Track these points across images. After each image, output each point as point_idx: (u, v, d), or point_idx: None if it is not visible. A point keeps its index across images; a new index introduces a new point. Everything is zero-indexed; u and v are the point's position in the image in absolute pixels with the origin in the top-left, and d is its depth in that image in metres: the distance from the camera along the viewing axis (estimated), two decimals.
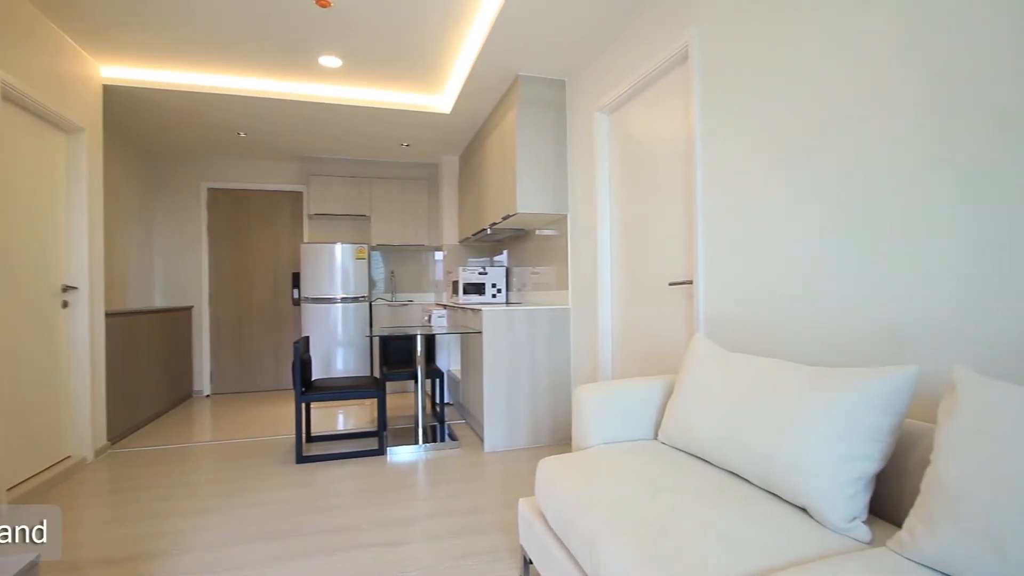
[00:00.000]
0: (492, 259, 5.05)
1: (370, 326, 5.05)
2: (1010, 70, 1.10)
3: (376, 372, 4.96)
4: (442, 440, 3.35)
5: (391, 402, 4.57)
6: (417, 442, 3.26)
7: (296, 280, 5.25)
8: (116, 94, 3.49)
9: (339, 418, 4.16)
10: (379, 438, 3.26)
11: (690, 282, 2.22)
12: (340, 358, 4.89)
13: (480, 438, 3.38)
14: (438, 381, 4.01)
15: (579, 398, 1.79)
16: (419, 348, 3.42)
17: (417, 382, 3.46)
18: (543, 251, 3.80)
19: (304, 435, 3.21)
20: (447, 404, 4.54)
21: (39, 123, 2.81)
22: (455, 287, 4.38)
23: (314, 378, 3.94)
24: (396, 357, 4.25)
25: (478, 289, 4.27)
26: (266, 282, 5.41)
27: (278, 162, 5.40)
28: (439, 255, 5.53)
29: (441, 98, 3.96)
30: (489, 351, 3.20)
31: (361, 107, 3.88)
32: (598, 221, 2.99)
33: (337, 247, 4.92)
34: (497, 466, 2.93)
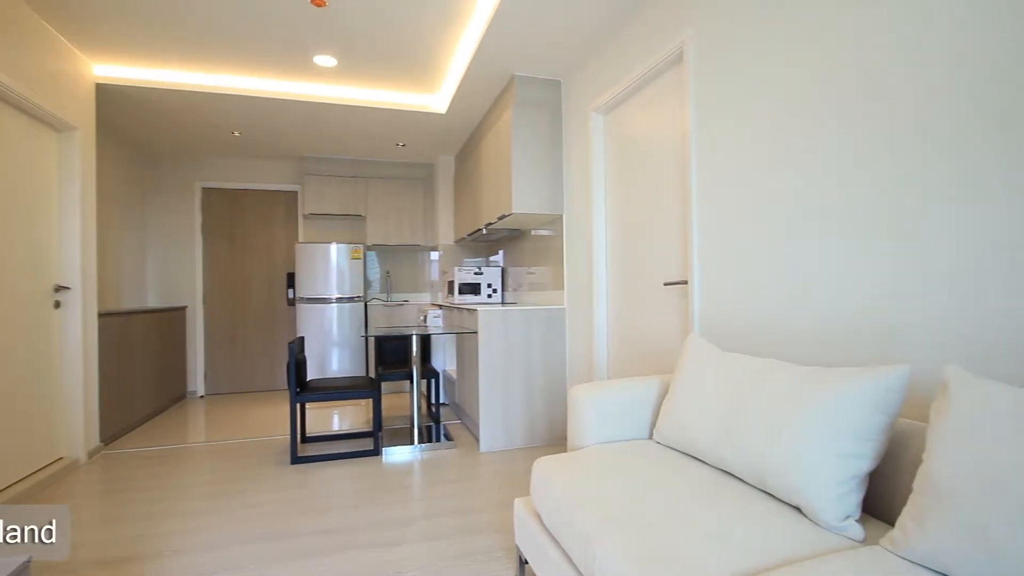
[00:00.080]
0: (488, 259, 5.05)
1: (365, 326, 5.04)
2: (1010, 70, 1.09)
3: (371, 372, 4.95)
4: (438, 440, 3.34)
5: (387, 402, 4.56)
6: (413, 442, 3.25)
7: (291, 280, 5.24)
8: (109, 93, 3.47)
9: (334, 419, 4.15)
10: (375, 438, 3.25)
11: (685, 282, 2.23)
12: (335, 358, 4.88)
13: (476, 438, 3.38)
14: (434, 381, 4.01)
15: (574, 398, 1.80)
16: (415, 348, 3.42)
17: (413, 382, 3.46)
18: (539, 251, 3.80)
19: (299, 436, 3.20)
20: (443, 404, 4.54)
21: (31, 122, 2.79)
22: (451, 287, 4.38)
23: (309, 378, 3.93)
24: (392, 357, 4.24)
25: (474, 289, 4.27)
26: (261, 282, 5.38)
27: (273, 161, 5.38)
28: (435, 255, 5.52)
29: (437, 98, 3.96)
30: (485, 351, 3.20)
31: (356, 107, 3.87)
32: (593, 221, 3.00)
33: (332, 247, 4.90)
34: (493, 466, 2.93)
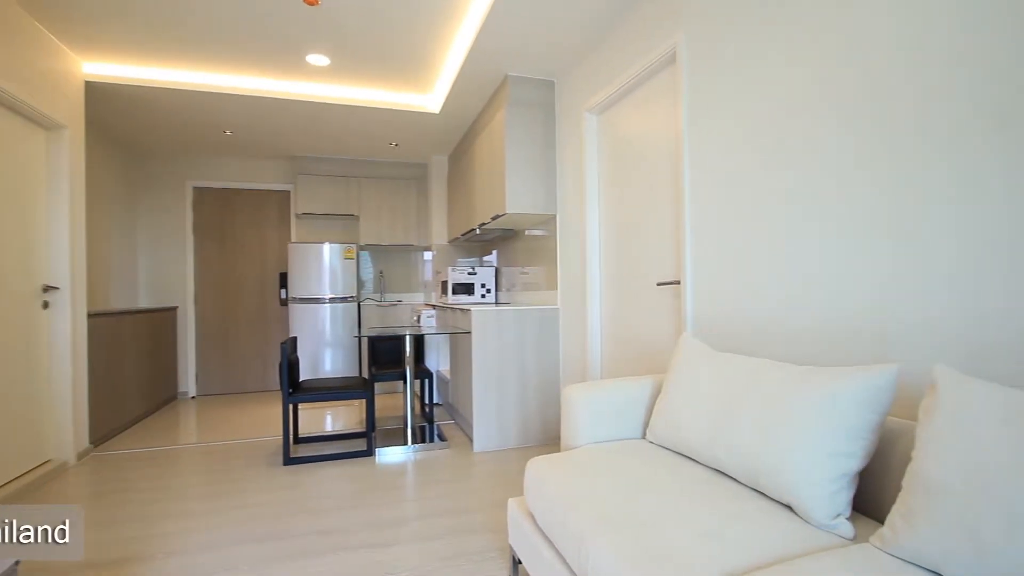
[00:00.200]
0: (481, 259, 5.05)
1: (359, 326, 5.02)
2: (1010, 70, 1.09)
3: (365, 373, 4.93)
4: (431, 441, 3.34)
5: (380, 403, 4.54)
6: (406, 443, 3.25)
7: (284, 280, 5.20)
8: (99, 91, 3.44)
9: (327, 419, 4.13)
10: (368, 439, 3.24)
11: (678, 282, 2.24)
12: (328, 359, 4.86)
13: (469, 438, 3.37)
14: (427, 381, 4.00)
15: (568, 398, 1.80)
16: (408, 348, 3.41)
17: (406, 382, 3.45)
18: (532, 251, 3.80)
19: (291, 436, 3.18)
20: (436, 404, 4.53)
21: (18, 120, 2.76)
22: (444, 287, 4.37)
23: (302, 379, 3.91)
24: (385, 357, 4.23)
25: (467, 289, 4.26)
26: (253, 282, 5.35)
27: (265, 161, 5.35)
28: (428, 255, 5.51)
29: (430, 98, 3.95)
30: (478, 351, 3.20)
31: (349, 106, 3.85)
32: (587, 221, 3.01)
33: (325, 247, 4.88)
34: (486, 466, 2.93)
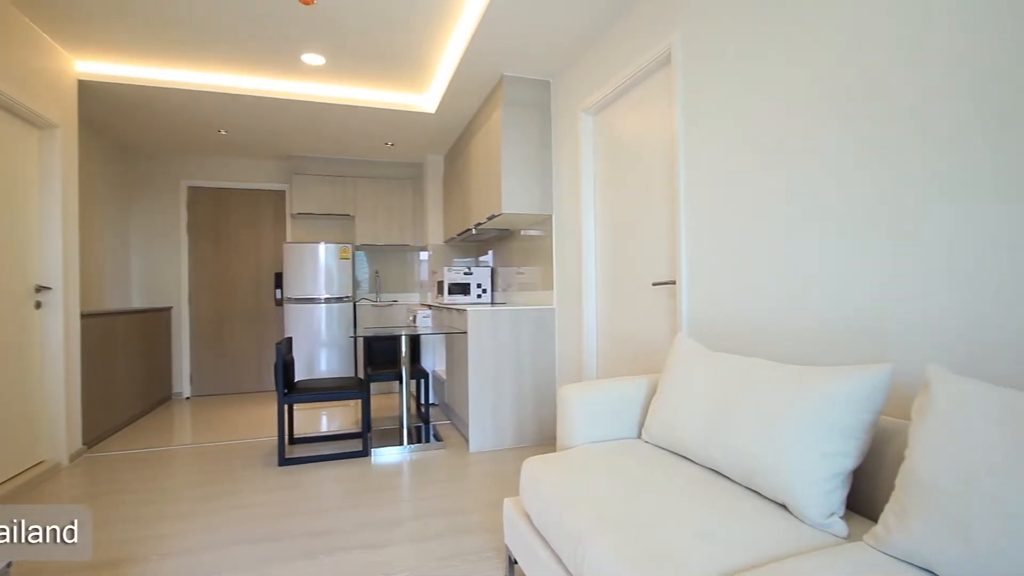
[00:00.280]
0: (477, 259, 5.05)
1: (354, 326, 5.00)
2: (1010, 70, 1.09)
3: (360, 373, 4.92)
4: (427, 441, 3.34)
5: (376, 403, 4.53)
6: (402, 443, 3.24)
7: (279, 280, 5.19)
8: (92, 90, 3.41)
9: (323, 420, 4.12)
10: (363, 439, 3.23)
11: (673, 282, 2.25)
12: (324, 359, 4.84)
13: (465, 438, 3.37)
14: (423, 382, 3.99)
15: (564, 398, 1.80)
16: (404, 349, 3.40)
17: (402, 383, 3.45)
18: (528, 251, 3.80)
19: (287, 437, 3.17)
20: (432, 405, 4.52)
21: (10, 118, 2.73)
22: (440, 287, 4.37)
23: (297, 379, 3.90)
24: (381, 358, 4.22)
25: (463, 289, 4.26)
26: (248, 282, 5.33)
27: (260, 160, 5.33)
28: (424, 255, 5.50)
29: (426, 98, 3.95)
30: (474, 351, 3.20)
31: (345, 106, 3.84)
32: (583, 221, 3.01)
33: (321, 247, 4.87)
34: (482, 466, 2.93)
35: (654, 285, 2.40)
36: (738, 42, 1.85)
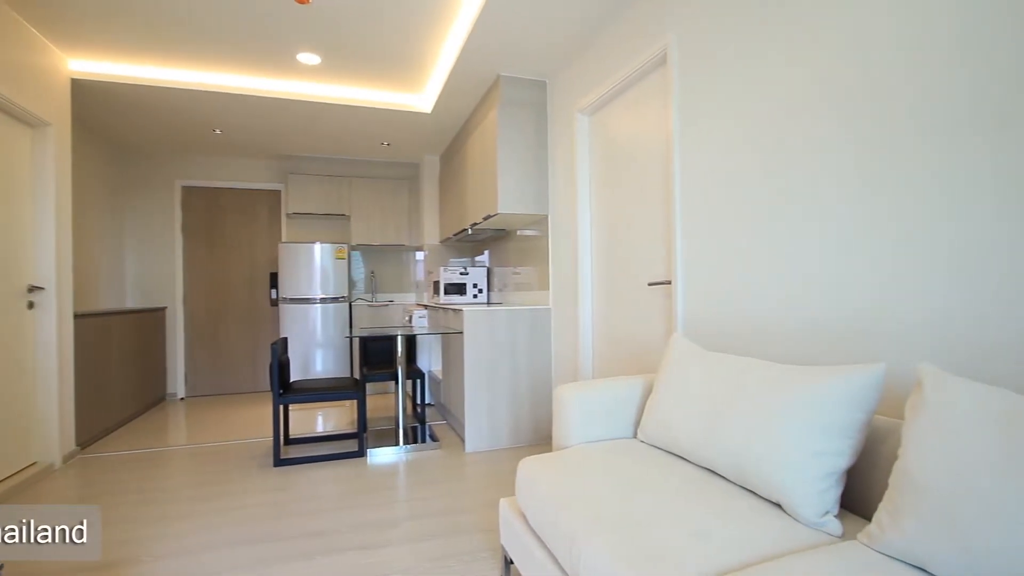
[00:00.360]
0: (473, 259, 5.05)
1: (350, 327, 4.99)
2: (1010, 70, 1.09)
3: (356, 373, 4.91)
4: (423, 441, 3.33)
5: (371, 403, 4.53)
6: (398, 443, 3.24)
7: (274, 280, 5.16)
8: (85, 89, 3.39)
9: (318, 420, 4.11)
10: (359, 440, 3.23)
11: (669, 282, 2.25)
12: (319, 359, 4.83)
13: (461, 439, 3.37)
14: (419, 382, 3.99)
15: (559, 397, 1.80)
16: (400, 349, 3.40)
17: (398, 383, 3.44)
18: (524, 251, 3.80)
19: (282, 438, 3.16)
20: (428, 405, 4.52)
21: (2, 117, 2.71)
22: (436, 287, 4.36)
23: (293, 380, 3.88)
24: (376, 358, 4.21)
25: (459, 289, 4.26)
26: (243, 282, 5.31)
27: (255, 160, 5.31)
28: (420, 255, 5.49)
29: (422, 97, 3.94)
30: (470, 351, 3.19)
31: (340, 105, 3.83)
32: (578, 221, 3.01)
33: (316, 247, 4.85)
34: (478, 466, 2.93)
35: (650, 285, 2.40)
36: (738, 42, 1.85)
